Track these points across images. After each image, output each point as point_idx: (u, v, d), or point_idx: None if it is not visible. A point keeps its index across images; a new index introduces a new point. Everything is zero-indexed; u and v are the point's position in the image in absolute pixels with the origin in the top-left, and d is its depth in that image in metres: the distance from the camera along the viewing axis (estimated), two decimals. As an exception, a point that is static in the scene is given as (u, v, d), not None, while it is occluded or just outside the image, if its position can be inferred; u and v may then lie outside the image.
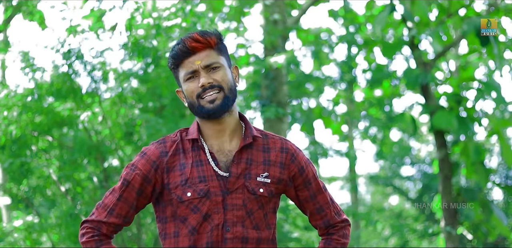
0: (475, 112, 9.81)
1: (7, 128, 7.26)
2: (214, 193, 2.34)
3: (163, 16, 7.43)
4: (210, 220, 2.33)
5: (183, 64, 2.39)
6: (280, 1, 10.44)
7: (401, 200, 21.87)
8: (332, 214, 2.50)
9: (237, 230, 2.33)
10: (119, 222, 2.41)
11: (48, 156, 7.61)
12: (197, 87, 2.37)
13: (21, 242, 7.51)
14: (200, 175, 2.36)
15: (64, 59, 7.24)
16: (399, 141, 18.07)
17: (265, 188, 2.38)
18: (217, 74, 2.38)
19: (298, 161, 2.46)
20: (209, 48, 2.39)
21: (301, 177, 2.46)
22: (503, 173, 14.61)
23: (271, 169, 2.41)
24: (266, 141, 2.46)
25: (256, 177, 2.38)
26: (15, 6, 8.78)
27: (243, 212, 2.35)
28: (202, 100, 2.36)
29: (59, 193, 7.76)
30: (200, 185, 2.34)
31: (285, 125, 10.27)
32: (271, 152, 2.43)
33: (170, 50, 2.42)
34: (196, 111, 2.39)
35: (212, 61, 2.38)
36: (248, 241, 2.35)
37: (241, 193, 2.36)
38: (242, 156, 2.39)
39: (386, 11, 9.29)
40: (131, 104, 7.67)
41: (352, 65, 13.28)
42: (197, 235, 2.34)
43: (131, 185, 2.38)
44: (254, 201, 2.36)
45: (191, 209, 2.34)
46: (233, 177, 2.36)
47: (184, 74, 2.39)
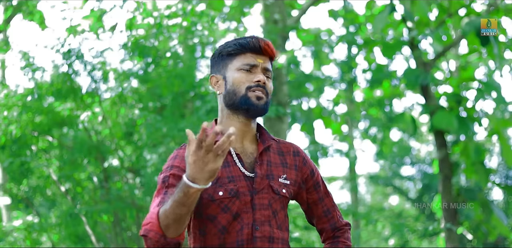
0: (475, 112, 9.81)
1: (7, 128, 7.26)
2: (243, 193, 2.38)
3: (164, 15, 7.44)
4: (240, 219, 2.37)
5: (245, 55, 2.45)
6: (280, 1, 10.43)
7: (401, 200, 21.87)
8: (338, 217, 2.57)
9: (265, 229, 2.38)
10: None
11: (48, 156, 7.61)
12: (250, 80, 2.42)
13: (21, 242, 7.52)
14: (229, 175, 2.39)
15: (64, 59, 7.24)
16: (399, 141, 18.07)
17: (286, 189, 2.45)
18: (269, 82, 2.47)
19: (309, 164, 2.54)
20: (271, 59, 2.50)
21: (312, 180, 2.53)
22: (503, 173, 14.61)
23: (288, 172, 2.48)
24: (278, 145, 2.53)
25: (278, 178, 2.44)
26: (15, 6, 8.78)
27: (270, 212, 2.40)
28: (250, 92, 2.40)
29: (59, 193, 7.76)
30: (230, 184, 2.38)
31: (285, 125, 10.26)
32: (285, 156, 2.51)
33: (236, 40, 2.46)
34: (235, 101, 2.42)
35: (270, 69, 2.48)
36: (274, 241, 2.39)
37: (267, 193, 2.41)
38: (263, 158, 2.45)
39: (386, 11, 9.29)
40: (131, 104, 7.67)
41: (352, 65, 13.28)
42: (226, 234, 2.37)
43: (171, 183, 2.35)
44: (278, 201, 2.42)
45: (222, 208, 2.36)
46: (259, 177, 2.41)
47: (242, 63, 2.43)
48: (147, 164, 7.42)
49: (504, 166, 14.54)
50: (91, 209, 7.16)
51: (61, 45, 7.23)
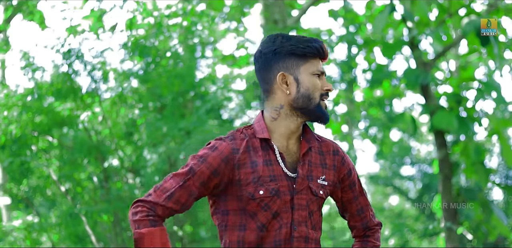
0: (475, 112, 9.81)
1: (7, 128, 7.26)
2: (284, 192, 2.39)
3: (164, 15, 7.44)
4: (279, 218, 2.38)
5: (316, 60, 2.47)
6: (280, 1, 10.43)
7: (401, 200, 21.87)
8: (370, 216, 2.59)
9: (302, 229, 2.40)
10: (176, 208, 2.37)
11: (48, 156, 7.61)
12: (322, 87, 2.46)
13: (21, 241, 7.51)
14: (271, 174, 2.39)
15: (64, 59, 7.24)
16: (399, 141, 18.07)
17: (323, 190, 2.46)
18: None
19: (348, 163, 2.55)
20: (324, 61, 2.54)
21: (348, 180, 2.54)
22: (503, 173, 14.61)
23: (326, 172, 2.49)
24: (320, 144, 2.54)
25: (317, 179, 2.46)
26: (15, 6, 8.78)
27: (306, 213, 2.42)
28: (323, 101, 2.48)
29: (59, 193, 7.76)
30: (271, 184, 2.38)
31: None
32: (325, 156, 2.51)
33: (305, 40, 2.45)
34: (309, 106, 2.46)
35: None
36: (309, 241, 2.42)
37: (306, 194, 2.42)
38: (306, 158, 2.46)
39: (386, 11, 9.29)
40: (131, 104, 7.67)
41: (352, 65, 13.27)
42: (266, 232, 2.38)
43: (197, 176, 2.36)
44: (315, 202, 2.44)
45: (262, 207, 2.37)
46: (300, 177, 2.42)
47: (316, 69, 2.45)
48: (147, 164, 7.42)
49: (504, 166, 14.54)
50: (91, 209, 7.16)
51: (61, 45, 7.23)
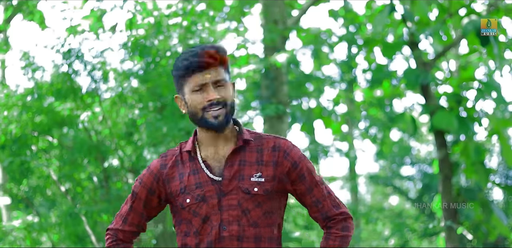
0: (475, 112, 9.81)
1: (7, 128, 7.26)
2: (210, 196, 2.49)
3: (165, 14, 7.44)
4: (209, 221, 2.49)
5: (194, 75, 2.48)
6: (280, 1, 10.43)
7: (401, 200, 21.87)
8: (329, 206, 2.57)
9: (232, 228, 2.47)
10: (133, 229, 2.64)
11: (48, 156, 7.61)
12: (203, 100, 2.48)
13: (21, 241, 7.51)
14: (197, 182, 2.52)
15: (64, 59, 7.24)
16: (399, 141, 18.07)
17: (259, 187, 2.50)
18: (223, 91, 2.49)
19: (291, 156, 2.55)
20: (220, 65, 2.51)
21: (295, 172, 2.54)
22: (503, 173, 14.60)
23: (263, 169, 2.52)
24: (259, 142, 2.57)
25: (249, 177, 2.50)
26: (15, 6, 8.78)
27: (239, 212, 2.48)
28: (207, 113, 2.48)
29: (59, 193, 7.76)
30: (197, 191, 2.51)
31: (285, 125, 10.27)
32: (264, 152, 2.54)
33: (182, 59, 2.49)
34: (198, 122, 2.52)
35: (221, 78, 2.49)
36: (243, 240, 2.48)
37: (236, 194, 2.49)
38: (235, 159, 2.53)
39: (386, 11, 9.29)
40: (131, 104, 7.66)
41: (352, 65, 13.28)
42: (200, 236, 2.51)
43: (138, 196, 2.61)
44: (250, 200, 2.49)
45: (192, 214, 2.52)
46: (226, 179, 2.50)
47: (192, 86, 2.48)
48: (147, 164, 7.42)
49: (504, 166, 14.54)
50: (91, 209, 7.16)
51: (61, 45, 7.23)
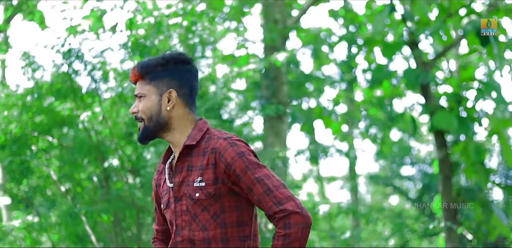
0: (475, 112, 9.81)
1: (7, 128, 7.26)
2: (171, 203, 2.59)
3: (165, 14, 7.43)
4: (173, 226, 2.60)
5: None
6: (280, 1, 10.43)
7: (401, 200, 21.86)
8: (269, 204, 2.45)
9: (184, 233, 2.55)
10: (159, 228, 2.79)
11: (48, 156, 7.61)
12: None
13: (21, 241, 7.51)
14: (164, 189, 2.65)
15: (64, 58, 7.24)
16: (399, 141, 18.07)
17: (201, 192, 2.51)
18: (142, 103, 2.61)
19: (225, 158, 2.50)
20: (140, 79, 2.62)
21: (231, 172, 2.50)
22: (503, 173, 14.59)
23: (204, 173, 2.53)
24: (207, 144, 2.56)
25: (193, 183, 2.54)
26: (15, 6, 8.78)
27: (189, 217, 2.53)
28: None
29: (59, 193, 7.76)
30: (164, 197, 2.64)
31: (285, 125, 10.26)
32: (205, 155, 2.54)
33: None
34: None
35: (139, 92, 2.62)
36: (195, 243, 2.52)
37: (185, 199, 2.55)
38: (184, 165, 2.58)
39: (386, 11, 9.29)
40: (131, 104, 7.66)
41: (352, 65, 13.28)
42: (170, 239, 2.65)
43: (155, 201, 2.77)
44: (195, 205, 2.52)
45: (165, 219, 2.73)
46: (176, 186, 2.57)
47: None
48: (147, 164, 7.42)
49: (504, 166, 14.53)
50: (91, 209, 7.16)
51: (61, 45, 7.23)
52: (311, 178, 19.73)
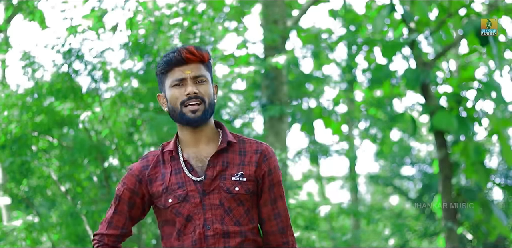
0: (475, 112, 9.82)
1: (7, 128, 7.26)
2: (192, 196, 2.53)
3: (166, 14, 7.44)
4: (193, 221, 2.53)
5: (173, 71, 2.57)
6: (280, 1, 10.43)
7: (401, 200, 21.87)
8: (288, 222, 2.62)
9: (216, 227, 2.51)
10: (117, 232, 2.64)
11: (48, 156, 7.61)
12: (182, 94, 2.55)
13: (22, 241, 7.51)
14: (179, 181, 2.56)
15: (64, 58, 7.24)
16: (399, 141, 18.07)
17: (240, 186, 2.55)
18: (202, 87, 2.56)
19: (269, 162, 2.61)
20: (201, 62, 2.58)
21: (268, 179, 2.60)
22: (503, 173, 14.60)
23: (245, 168, 2.57)
24: (243, 145, 2.62)
25: (231, 177, 2.55)
26: (16, 6, 8.78)
27: (221, 211, 2.52)
28: (185, 108, 2.55)
29: (59, 193, 7.76)
30: (179, 190, 2.55)
31: (285, 125, 10.27)
32: (247, 155, 2.60)
33: (163, 57, 2.59)
34: (176, 117, 2.60)
35: (201, 74, 2.57)
36: (229, 236, 2.52)
37: (218, 193, 2.53)
38: (218, 160, 2.57)
39: (386, 11, 9.29)
40: (131, 104, 7.66)
41: (352, 65, 13.28)
42: (183, 236, 2.54)
43: (122, 199, 2.64)
44: (232, 199, 2.54)
45: (175, 213, 2.56)
46: (208, 179, 2.54)
47: (172, 80, 2.57)
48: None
49: (504, 166, 14.54)
50: (91, 209, 7.16)
51: (62, 45, 7.23)
52: (311, 178, 19.74)
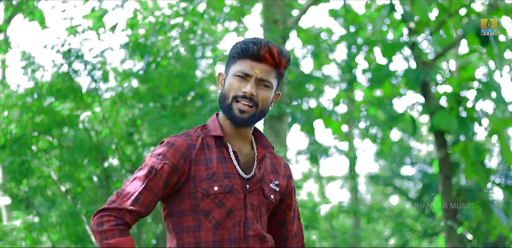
0: (475, 112, 9.81)
1: (7, 128, 7.27)
2: (237, 190, 2.37)
3: (166, 15, 7.44)
4: (233, 216, 2.36)
5: (244, 61, 2.40)
6: (280, 1, 10.43)
7: (401, 200, 21.87)
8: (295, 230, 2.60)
9: (256, 227, 2.39)
10: (141, 210, 2.30)
11: (48, 156, 7.61)
12: (240, 89, 2.39)
13: (22, 241, 7.52)
14: (225, 171, 2.38)
15: (64, 58, 7.24)
16: (399, 141, 18.07)
17: (274, 195, 2.47)
18: (263, 91, 2.41)
19: (292, 179, 2.59)
20: (275, 66, 2.43)
21: (294, 196, 2.58)
22: (503, 173, 14.60)
23: (280, 179, 2.51)
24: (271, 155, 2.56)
25: (269, 183, 2.46)
26: (16, 6, 8.78)
27: (256, 214, 2.41)
28: (235, 103, 2.39)
29: (59, 193, 7.77)
30: (225, 180, 2.37)
31: (285, 125, 10.26)
32: (275, 165, 2.53)
33: (244, 41, 2.41)
34: (224, 107, 2.42)
35: (268, 79, 2.41)
36: (265, 240, 2.41)
37: (257, 195, 2.42)
38: (262, 163, 2.48)
39: (386, 11, 9.29)
40: (131, 104, 7.66)
41: (352, 65, 13.27)
42: (221, 229, 2.34)
43: (159, 174, 2.33)
44: (265, 205, 2.44)
45: (216, 204, 2.34)
46: (255, 179, 2.42)
47: (238, 70, 2.40)
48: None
49: (504, 166, 14.54)
50: (91, 209, 7.16)
51: (61, 45, 7.23)
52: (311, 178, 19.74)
